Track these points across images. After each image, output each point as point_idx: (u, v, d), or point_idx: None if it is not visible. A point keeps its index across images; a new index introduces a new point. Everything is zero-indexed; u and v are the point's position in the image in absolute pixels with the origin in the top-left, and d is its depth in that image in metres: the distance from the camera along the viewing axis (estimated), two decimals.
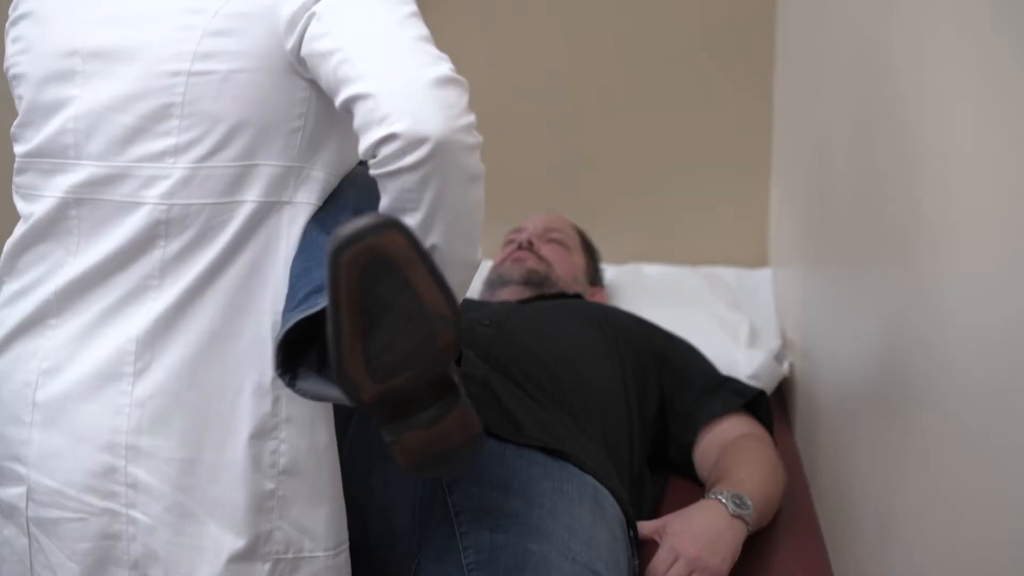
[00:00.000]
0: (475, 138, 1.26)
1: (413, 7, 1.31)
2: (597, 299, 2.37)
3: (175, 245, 1.34)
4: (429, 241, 1.28)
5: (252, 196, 1.34)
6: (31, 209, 1.40)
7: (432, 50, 1.28)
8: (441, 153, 1.23)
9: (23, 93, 1.42)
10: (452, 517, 1.54)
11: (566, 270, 2.33)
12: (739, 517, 1.68)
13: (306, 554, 1.37)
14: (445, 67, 1.26)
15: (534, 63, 2.69)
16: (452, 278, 1.29)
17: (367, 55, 1.26)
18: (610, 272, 2.60)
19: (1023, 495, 1.02)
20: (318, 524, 1.37)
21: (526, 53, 2.69)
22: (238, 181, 1.34)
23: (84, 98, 1.37)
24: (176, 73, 1.33)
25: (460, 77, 1.27)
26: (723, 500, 1.69)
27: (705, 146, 2.72)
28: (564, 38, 2.69)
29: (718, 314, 2.45)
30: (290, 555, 1.36)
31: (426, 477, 1.33)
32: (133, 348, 1.34)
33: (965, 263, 1.17)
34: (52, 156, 1.39)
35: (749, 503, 1.70)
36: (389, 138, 1.22)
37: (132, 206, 1.35)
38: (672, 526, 1.67)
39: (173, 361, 1.33)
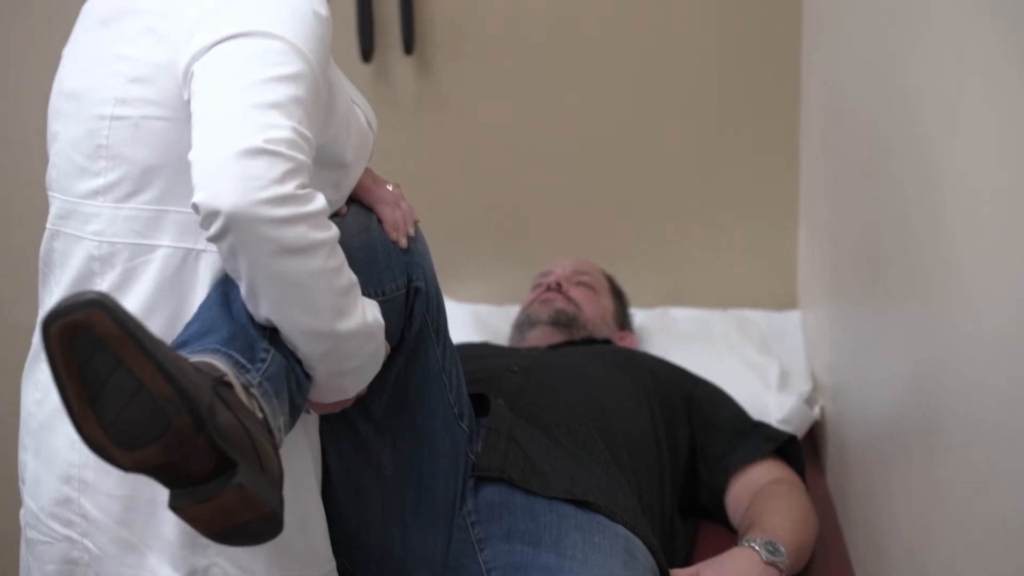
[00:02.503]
0: (286, 210, 1.21)
1: (293, 68, 1.28)
2: (626, 343, 2.37)
3: (107, 283, 1.39)
4: (261, 314, 1.28)
5: (166, 241, 1.38)
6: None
7: (266, 118, 1.23)
8: (238, 226, 1.21)
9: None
10: (484, 574, 1.54)
11: (595, 312, 2.33)
12: (773, 564, 1.67)
13: None
14: (261, 137, 1.22)
15: (560, 106, 2.70)
16: (307, 349, 1.31)
17: (203, 122, 1.27)
18: (639, 316, 2.59)
19: None
20: (256, 564, 1.39)
21: (551, 97, 2.70)
22: (153, 225, 1.38)
23: (61, 136, 1.44)
24: (102, 117, 1.39)
25: (279, 148, 1.22)
26: (756, 547, 1.68)
27: (733, 189, 2.72)
28: (590, 81, 2.70)
29: (748, 357, 2.44)
30: None
31: (236, 546, 1.28)
32: None
33: (992, 302, 1.16)
34: (48, 188, 1.48)
35: (783, 550, 1.69)
36: (193, 207, 1.24)
37: (79, 240, 1.42)
38: (706, 573, 1.66)
39: None
